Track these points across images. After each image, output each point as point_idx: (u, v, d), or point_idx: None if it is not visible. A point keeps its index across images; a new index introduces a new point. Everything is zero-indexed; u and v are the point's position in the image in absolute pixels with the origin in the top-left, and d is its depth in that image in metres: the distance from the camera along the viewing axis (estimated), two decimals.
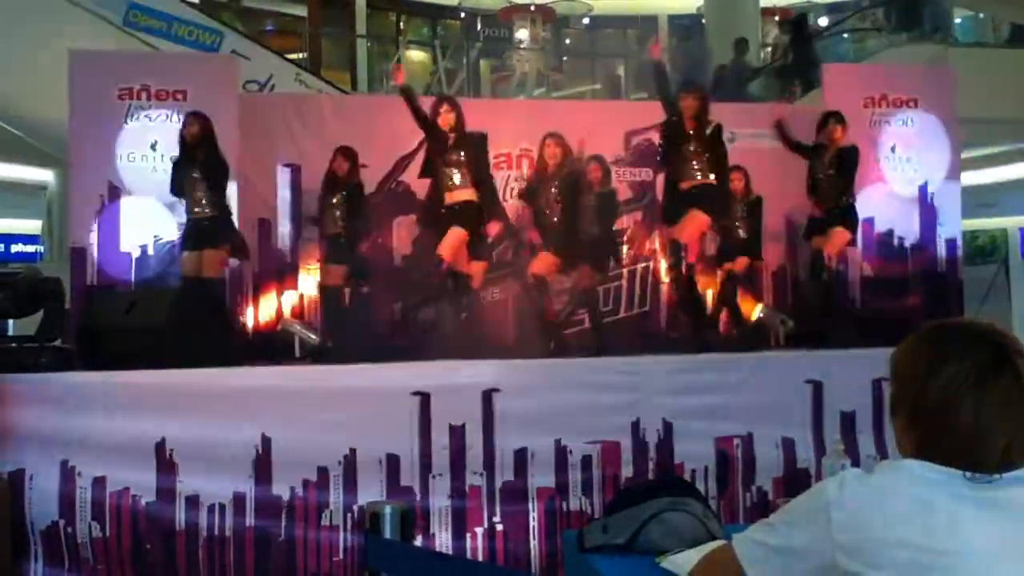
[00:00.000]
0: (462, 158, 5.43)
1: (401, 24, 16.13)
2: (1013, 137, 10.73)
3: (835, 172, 5.85)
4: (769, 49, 14.18)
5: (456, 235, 5.41)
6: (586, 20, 16.65)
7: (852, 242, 6.20)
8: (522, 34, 15.01)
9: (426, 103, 5.64)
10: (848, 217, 5.91)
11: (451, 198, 5.46)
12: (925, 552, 1.25)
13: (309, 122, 6.90)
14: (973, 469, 1.29)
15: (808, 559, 1.34)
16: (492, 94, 13.84)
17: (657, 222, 7.27)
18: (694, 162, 5.41)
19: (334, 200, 6.14)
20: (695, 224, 5.42)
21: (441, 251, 5.43)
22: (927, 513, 1.27)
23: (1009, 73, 9.48)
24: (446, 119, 5.40)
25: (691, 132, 5.43)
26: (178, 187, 5.64)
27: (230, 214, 5.75)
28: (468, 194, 5.44)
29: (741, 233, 6.52)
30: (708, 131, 5.42)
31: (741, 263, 6.47)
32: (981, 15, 11.08)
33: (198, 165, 5.53)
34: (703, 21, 15.02)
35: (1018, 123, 9.82)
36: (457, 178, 5.42)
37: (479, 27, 15.24)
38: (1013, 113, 9.49)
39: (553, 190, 5.79)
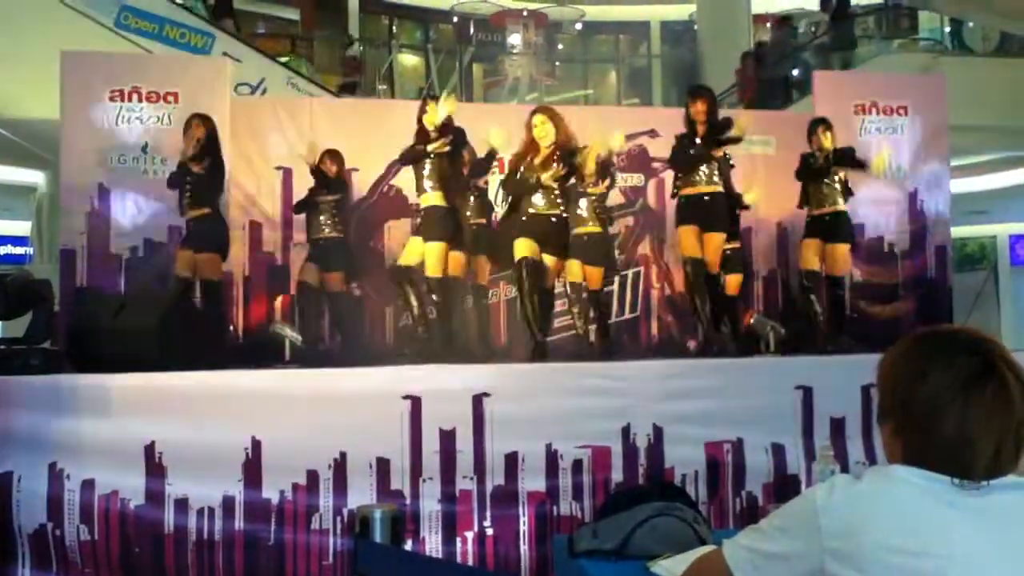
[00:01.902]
0: (437, 160, 5.19)
1: (394, 28, 16.14)
2: (1002, 145, 10.79)
3: (829, 177, 5.85)
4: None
5: (414, 245, 5.29)
6: (579, 25, 16.69)
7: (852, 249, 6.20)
8: (515, 39, 15.04)
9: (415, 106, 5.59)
10: (846, 224, 5.91)
11: (422, 201, 5.29)
12: (913, 557, 1.26)
13: (301, 125, 6.90)
14: (961, 476, 1.30)
15: (797, 565, 1.34)
16: (484, 99, 13.85)
17: (648, 228, 7.30)
18: (703, 169, 5.37)
19: (323, 202, 6.12)
20: (692, 237, 5.40)
21: (401, 261, 5.34)
22: (915, 519, 1.28)
23: (998, 81, 9.55)
24: (431, 118, 5.20)
25: (702, 137, 5.36)
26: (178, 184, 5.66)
27: (223, 217, 5.78)
28: (435, 198, 5.20)
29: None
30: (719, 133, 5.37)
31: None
32: (971, 24, 11.13)
33: (203, 165, 5.56)
34: (695, 27, 15.08)
35: (1007, 131, 9.90)
36: (427, 182, 5.21)
37: (472, 31, 15.26)
38: (1002, 121, 9.56)
39: (548, 173, 5.08)
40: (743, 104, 10.90)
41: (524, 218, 5.20)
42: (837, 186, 5.84)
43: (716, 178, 5.39)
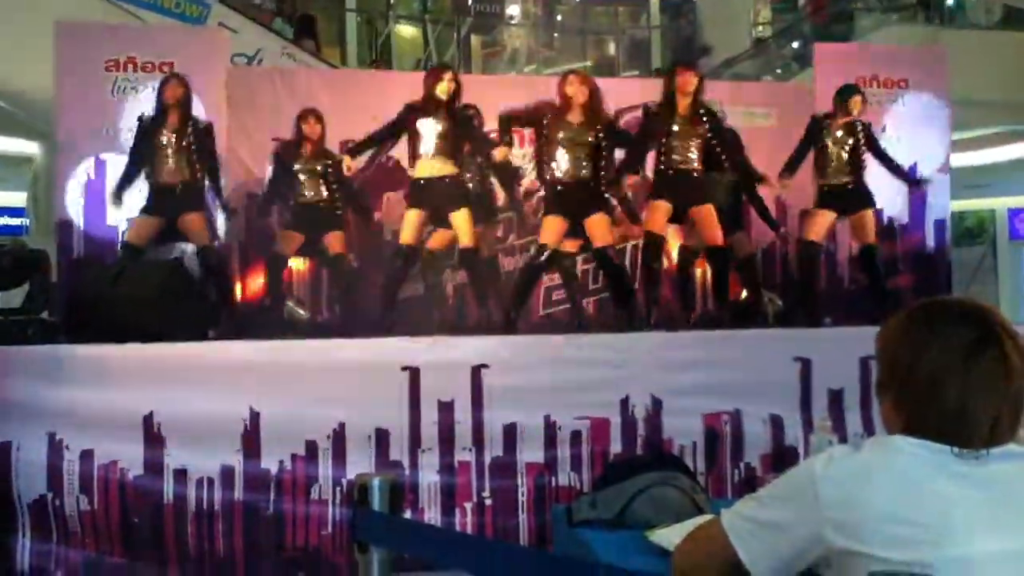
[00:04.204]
0: (446, 129, 5.05)
1: None
2: (1003, 119, 10.74)
3: (854, 145, 5.72)
4: (760, 28, 14.14)
5: (413, 216, 5.10)
6: None
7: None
8: (513, 10, 14.92)
9: (417, 78, 5.54)
10: (867, 193, 5.79)
11: (420, 171, 5.10)
12: (912, 527, 1.26)
13: (298, 96, 6.84)
14: (960, 445, 1.30)
15: (795, 534, 1.34)
16: (483, 70, 13.75)
17: (648, 200, 7.26)
18: (680, 145, 5.19)
19: (317, 166, 5.98)
20: (660, 214, 5.23)
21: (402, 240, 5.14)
22: (914, 489, 1.28)
23: (1000, 54, 9.49)
24: (449, 87, 5.04)
25: (683, 113, 5.20)
26: (145, 151, 5.43)
27: (203, 181, 5.57)
28: (440, 168, 5.05)
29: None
30: (702, 112, 5.22)
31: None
32: None
33: (176, 130, 5.40)
34: None
35: (1008, 105, 9.85)
36: (432, 148, 5.04)
37: (470, 2, 15.11)
38: (1003, 95, 9.51)
39: (589, 137, 4.98)
40: (812, 28, 10.71)
41: (555, 188, 5.00)
42: (849, 156, 5.72)
43: (693, 156, 5.18)
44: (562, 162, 4.96)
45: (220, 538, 3.70)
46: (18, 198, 11.35)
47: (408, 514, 3.69)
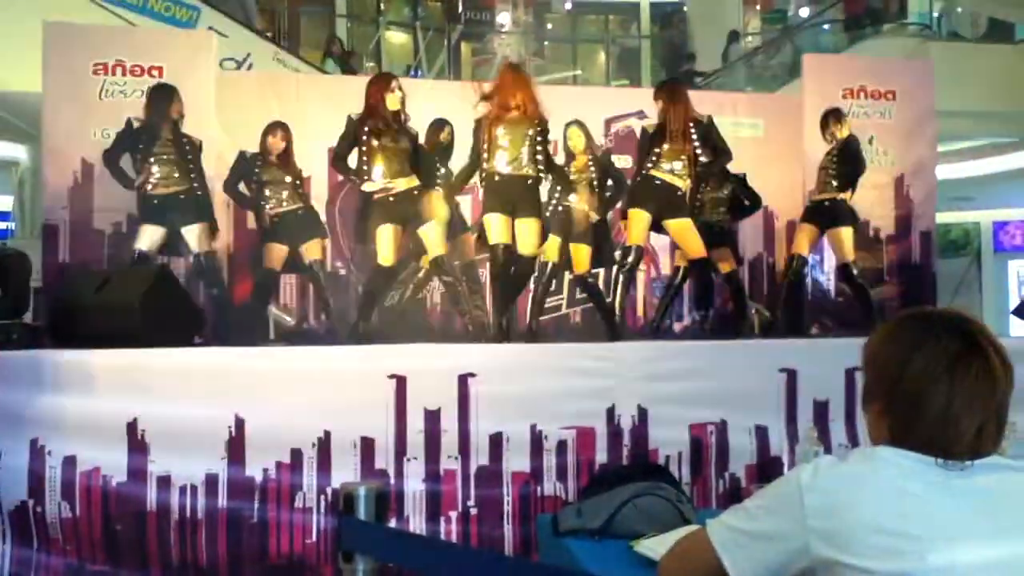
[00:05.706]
0: (401, 145, 5.05)
1: (382, 5, 15.98)
2: (987, 131, 10.83)
3: (838, 164, 5.81)
4: (750, 39, 14.23)
5: (388, 232, 4.99)
6: (568, 5, 16.61)
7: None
8: (504, 18, 14.98)
9: (406, 84, 5.51)
10: (844, 210, 5.86)
11: (382, 188, 5.00)
12: (898, 537, 1.26)
13: (287, 101, 6.83)
14: (945, 456, 1.31)
15: (781, 544, 1.34)
16: (472, 77, 13.77)
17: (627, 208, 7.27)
18: (668, 160, 5.23)
19: (286, 176, 5.95)
20: (641, 224, 5.27)
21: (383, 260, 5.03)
22: (900, 499, 1.28)
23: (986, 67, 9.57)
24: (394, 99, 5.07)
25: (674, 130, 5.23)
26: (142, 158, 5.40)
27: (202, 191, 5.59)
28: (404, 182, 5.02)
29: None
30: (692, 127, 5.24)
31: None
32: (959, 9, 11.14)
33: (169, 141, 5.40)
34: (685, 9, 15.05)
35: (993, 117, 9.93)
36: (389, 164, 5.00)
37: (460, 10, 15.14)
38: (988, 107, 9.59)
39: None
40: (845, 18, 10.76)
41: (492, 181, 4.92)
42: (835, 174, 5.80)
43: (685, 174, 5.23)
44: (501, 157, 4.90)
45: (204, 546, 3.67)
46: (3, 202, 11.29)
47: (393, 523, 3.67)
